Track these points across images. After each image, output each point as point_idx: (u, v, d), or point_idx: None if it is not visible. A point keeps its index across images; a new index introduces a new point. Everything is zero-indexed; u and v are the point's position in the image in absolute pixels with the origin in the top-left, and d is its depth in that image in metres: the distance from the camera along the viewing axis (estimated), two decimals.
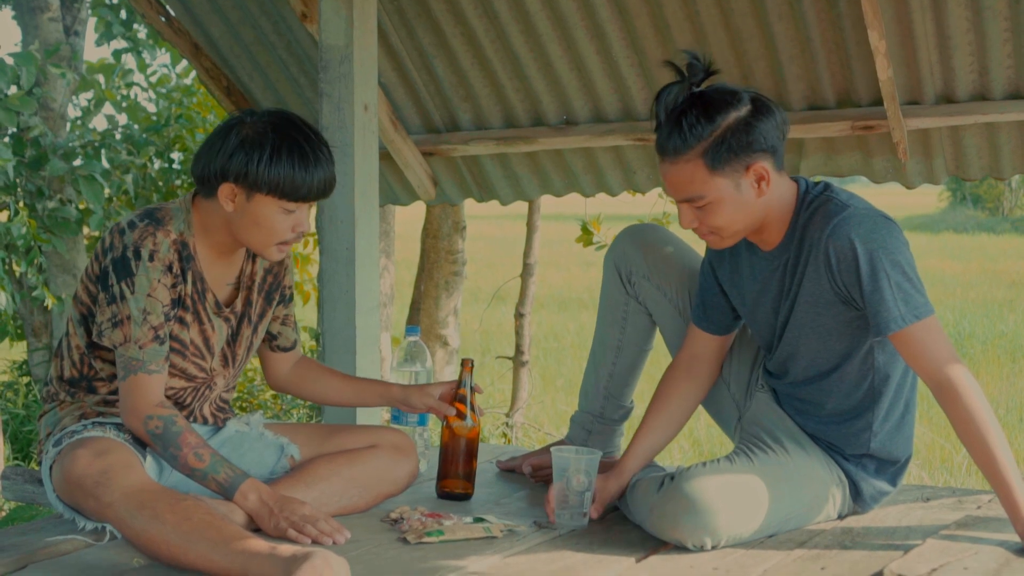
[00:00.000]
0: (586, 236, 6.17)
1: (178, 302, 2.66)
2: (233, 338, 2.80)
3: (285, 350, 2.97)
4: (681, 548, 2.53)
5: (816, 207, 2.54)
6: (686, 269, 2.97)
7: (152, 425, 2.55)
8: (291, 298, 2.94)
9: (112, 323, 2.59)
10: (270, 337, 2.95)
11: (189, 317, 2.69)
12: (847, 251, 2.47)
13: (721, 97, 2.48)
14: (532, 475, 3.08)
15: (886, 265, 2.45)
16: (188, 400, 2.77)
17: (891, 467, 2.74)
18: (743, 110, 2.47)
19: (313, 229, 5.61)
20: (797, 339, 2.64)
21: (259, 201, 2.60)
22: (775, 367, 2.77)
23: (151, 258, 2.58)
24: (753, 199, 2.52)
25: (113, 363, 2.68)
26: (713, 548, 2.52)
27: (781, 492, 2.59)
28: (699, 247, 2.92)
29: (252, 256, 2.81)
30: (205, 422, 2.83)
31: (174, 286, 2.63)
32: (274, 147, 2.58)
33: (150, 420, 2.55)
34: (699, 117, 2.46)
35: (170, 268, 2.61)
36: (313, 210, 5.17)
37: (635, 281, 3.02)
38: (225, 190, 2.60)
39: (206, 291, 2.71)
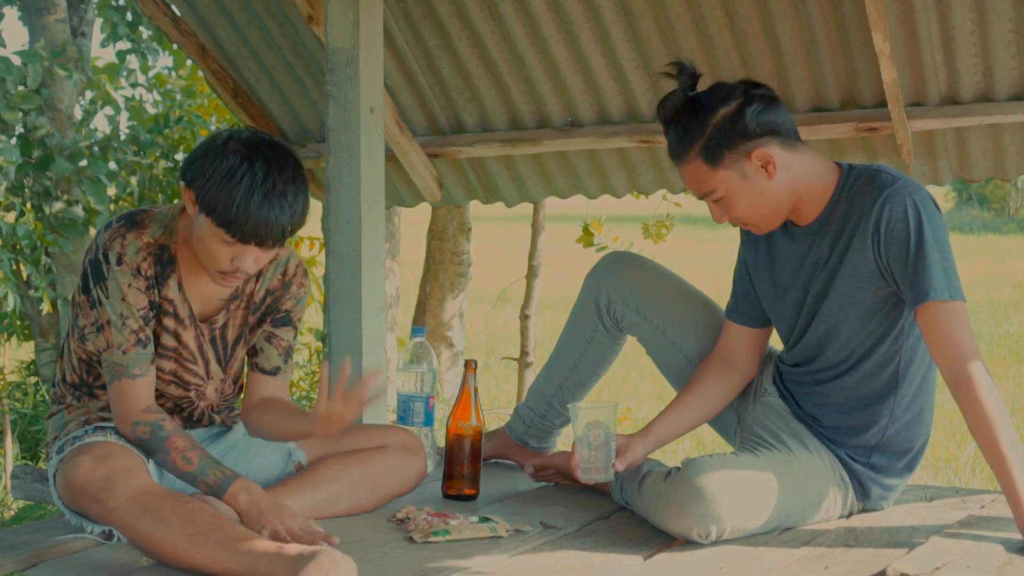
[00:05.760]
0: (587, 237, 6.16)
1: (158, 307, 2.62)
2: (225, 352, 2.76)
3: (264, 372, 2.80)
4: (686, 545, 2.54)
5: (864, 180, 2.61)
6: (667, 293, 3.03)
7: (140, 431, 2.54)
8: (286, 322, 2.79)
9: (95, 328, 2.59)
10: (253, 352, 2.82)
11: (172, 322, 2.66)
12: (900, 217, 2.53)
13: (711, 97, 2.61)
14: (534, 475, 3.10)
15: (932, 237, 2.52)
16: (185, 407, 2.76)
17: (905, 456, 2.76)
18: (732, 104, 2.58)
19: (319, 232, 5.62)
20: (835, 316, 2.67)
21: (203, 219, 2.50)
22: (802, 354, 2.77)
23: (119, 262, 2.55)
24: (765, 183, 2.59)
25: None
26: (718, 539, 2.53)
27: (785, 486, 2.62)
28: (689, 269, 2.95)
29: (256, 274, 2.73)
30: (211, 422, 2.83)
31: (148, 289, 2.58)
32: (231, 171, 2.44)
33: (137, 426, 2.54)
34: (691, 121, 2.59)
35: (139, 271, 2.56)
36: (318, 212, 5.20)
37: (614, 310, 3.07)
38: (187, 193, 2.54)
39: (186, 300, 2.66)
